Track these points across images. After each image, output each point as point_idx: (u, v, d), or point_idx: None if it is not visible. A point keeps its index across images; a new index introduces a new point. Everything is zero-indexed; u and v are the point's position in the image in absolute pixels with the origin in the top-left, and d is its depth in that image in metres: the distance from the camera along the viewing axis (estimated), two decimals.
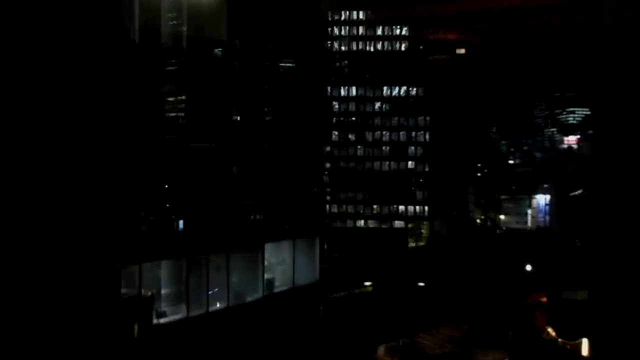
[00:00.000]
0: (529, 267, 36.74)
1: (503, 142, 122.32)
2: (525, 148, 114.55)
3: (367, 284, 40.64)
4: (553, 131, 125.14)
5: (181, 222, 46.10)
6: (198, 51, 23.20)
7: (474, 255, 45.73)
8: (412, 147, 55.55)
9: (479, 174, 66.61)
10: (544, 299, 31.06)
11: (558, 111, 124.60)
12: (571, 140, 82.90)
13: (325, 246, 49.81)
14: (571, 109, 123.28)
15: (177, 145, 23.19)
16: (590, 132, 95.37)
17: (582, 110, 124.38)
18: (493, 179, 64.62)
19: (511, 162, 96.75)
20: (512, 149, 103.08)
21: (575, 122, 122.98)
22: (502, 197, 62.89)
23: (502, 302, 33.37)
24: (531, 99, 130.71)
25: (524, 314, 31.33)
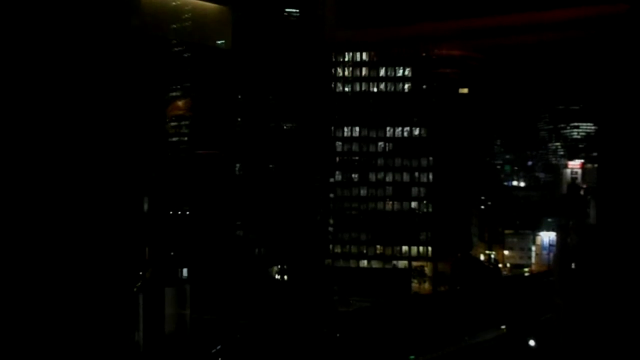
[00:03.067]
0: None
1: (507, 156, 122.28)
2: (530, 163, 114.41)
3: None
4: (557, 146, 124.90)
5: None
6: None
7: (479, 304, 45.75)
8: (416, 188, 55.62)
9: (482, 207, 66.60)
10: None
11: (562, 125, 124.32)
12: (575, 165, 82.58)
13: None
14: (575, 124, 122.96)
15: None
16: (595, 154, 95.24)
17: (587, 125, 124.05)
18: (497, 213, 64.57)
19: (514, 183, 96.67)
20: (516, 168, 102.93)
21: (579, 137, 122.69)
22: (506, 231, 62.87)
23: None
24: (535, 112, 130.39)
25: None
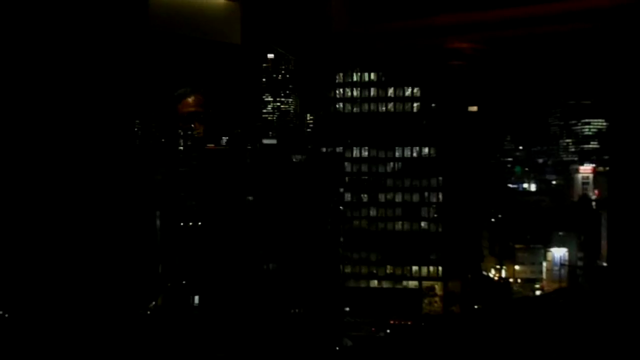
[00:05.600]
0: None
1: (517, 153, 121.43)
2: (540, 161, 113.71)
3: None
4: (568, 142, 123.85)
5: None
6: None
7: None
8: (425, 208, 55.52)
9: (493, 219, 66.39)
10: None
11: (573, 122, 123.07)
12: (586, 170, 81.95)
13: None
14: (586, 120, 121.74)
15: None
16: (606, 157, 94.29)
17: (598, 122, 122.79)
18: (507, 227, 64.38)
19: (525, 185, 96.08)
20: (526, 169, 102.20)
21: (590, 133, 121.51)
22: (517, 246, 62.74)
23: None
24: (546, 107, 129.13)
25: None
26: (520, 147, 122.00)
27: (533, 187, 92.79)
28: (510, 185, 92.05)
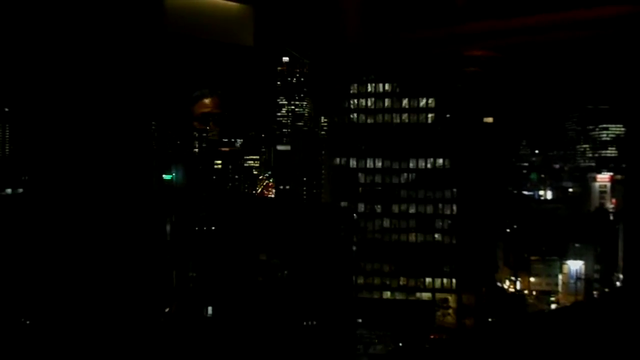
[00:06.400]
0: None
1: (533, 158, 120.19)
2: (557, 167, 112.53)
3: None
4: (585, 148, 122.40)
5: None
6: None
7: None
8: (439, 220, 55.11)
9: (508, 230, 65.73)
10: None
11: (591, 127, 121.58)
12: (604, 178, 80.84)
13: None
14: (604, 126, 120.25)
15: None
16: (624, 165, 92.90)
17: (616, 127, 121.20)
18: (522, 237, 63.68)
19: (541, 192, 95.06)
20: (542, 175, 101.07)
21: (608, 138, 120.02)
22: (532, 257, 62.01)
23: None
24: (563, 111, 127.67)
25: None
26: (537, 151, 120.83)
27: (549, 195, 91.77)
28: (525, 193, 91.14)
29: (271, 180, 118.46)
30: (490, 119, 56.15)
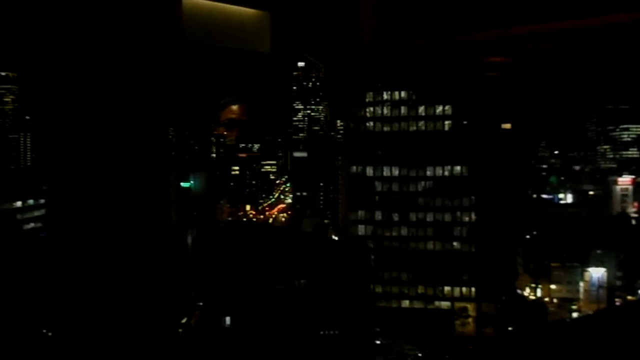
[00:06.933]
0: None
1: (553, 160, 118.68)
2: (577, 169, 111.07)
3: None
4: (606, 149, 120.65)
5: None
6: None
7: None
8: (458, 228, 54.61)
9: (527, 236, 64.96)
10: None
11: (611, 127, 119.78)
12: (625, 181, 79.54)
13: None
14: (625, 126, 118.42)
15: None
16: None
17: (637, 127, 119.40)
18: (542, 244, 62.86)
19: (561, 196, 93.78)
20: (562, 178, 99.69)
21: (629, 139, 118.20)
22: (553, 264, 61.15)
23: None
24: (583, 111, 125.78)
25: None
26: (556, 152, 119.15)
27: (569, 198, 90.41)
28: (545, 196, 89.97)
29: (288, 185, 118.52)
30: (508, 125, 55.50)
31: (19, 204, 59.16)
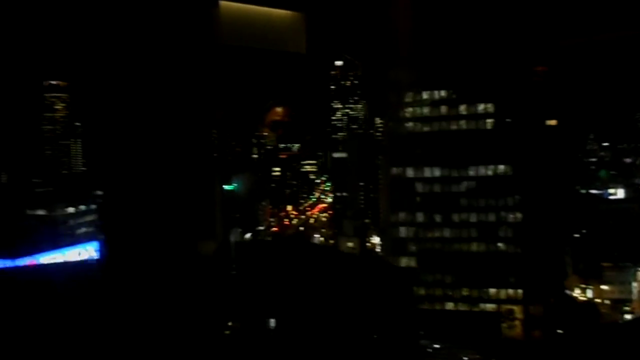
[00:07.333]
0: None
1: (602, 152, 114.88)
2: (628, 161, 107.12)
3: None
4: None
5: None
6: None
7: None
8: (503, 228, 53.27)
9: (576, 235, 62.92)
10: None
11: None
12: None
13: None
14: None
15: None
16: None
17: None
18: (592, 243, 60.75)
19: (611, 191, 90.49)
20: (613, 172, 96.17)
21: None
22: (604, 264, 58.97)
23: None
24: (632, 101, 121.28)
25: None
26: (605, 144, 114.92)
27: (620, 193, 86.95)
28: (594, 192, 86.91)
29: (328, 185, 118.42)
30: (553, 122, 53.72)
31: (71, 209, 60.67)
